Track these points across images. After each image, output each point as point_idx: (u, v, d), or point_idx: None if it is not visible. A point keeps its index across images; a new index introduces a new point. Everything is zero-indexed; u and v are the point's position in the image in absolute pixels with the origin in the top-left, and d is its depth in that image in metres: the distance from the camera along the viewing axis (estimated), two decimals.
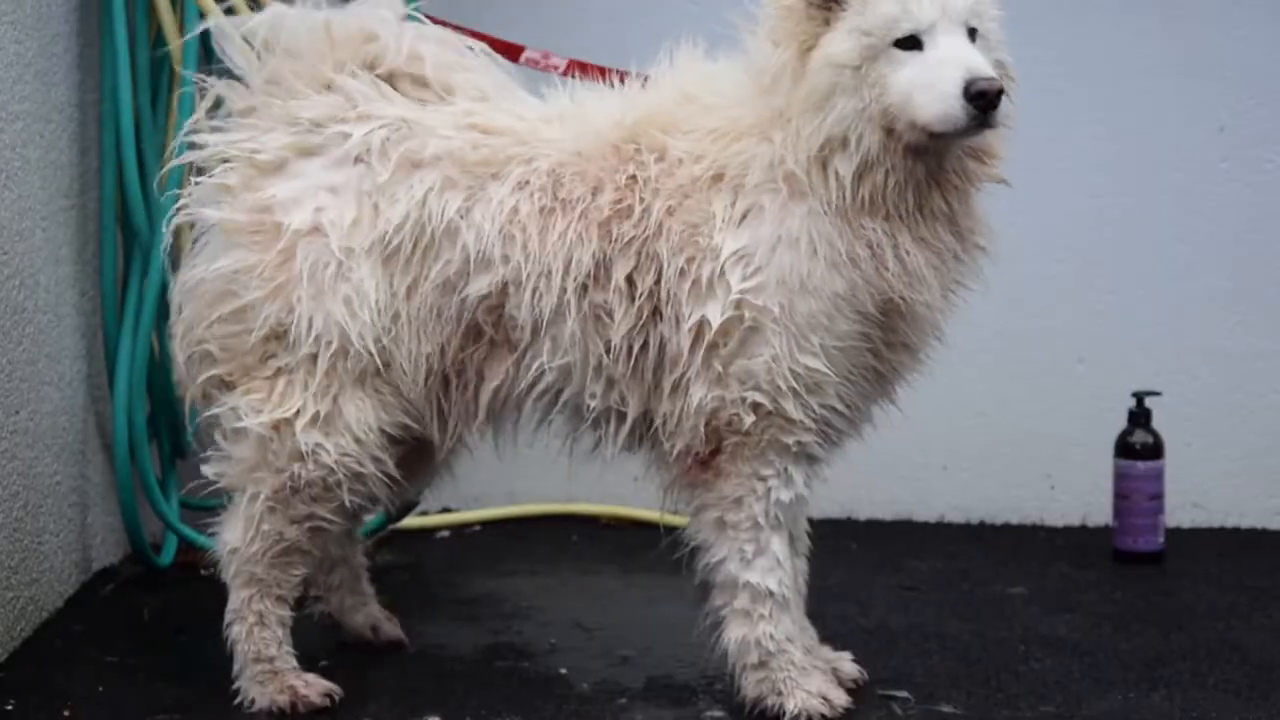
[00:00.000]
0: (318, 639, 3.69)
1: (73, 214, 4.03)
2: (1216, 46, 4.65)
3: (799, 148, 3.17)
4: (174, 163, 3.77)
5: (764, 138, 3.21)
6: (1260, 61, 4.65)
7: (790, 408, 3.20)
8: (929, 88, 3.07)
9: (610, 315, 3.24)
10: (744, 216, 3.20)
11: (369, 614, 3.76)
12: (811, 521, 3.47)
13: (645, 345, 3.25)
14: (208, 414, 3.43)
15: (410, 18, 3.54)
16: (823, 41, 3.15)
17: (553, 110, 3.39)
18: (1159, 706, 3.44)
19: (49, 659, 3.68)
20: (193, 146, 3.48)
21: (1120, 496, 4.45)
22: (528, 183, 3.28)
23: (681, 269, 3.20)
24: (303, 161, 3.36)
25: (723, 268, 3.18)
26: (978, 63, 3.08)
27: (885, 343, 3.24)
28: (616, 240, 3.24)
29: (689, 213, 3.21)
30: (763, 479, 3.25)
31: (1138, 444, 4.44)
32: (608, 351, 3.26)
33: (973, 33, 3.14)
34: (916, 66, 3.10)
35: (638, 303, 3.23)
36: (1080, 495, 4.73)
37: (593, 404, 3.30)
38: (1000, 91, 3.06)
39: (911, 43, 3.11)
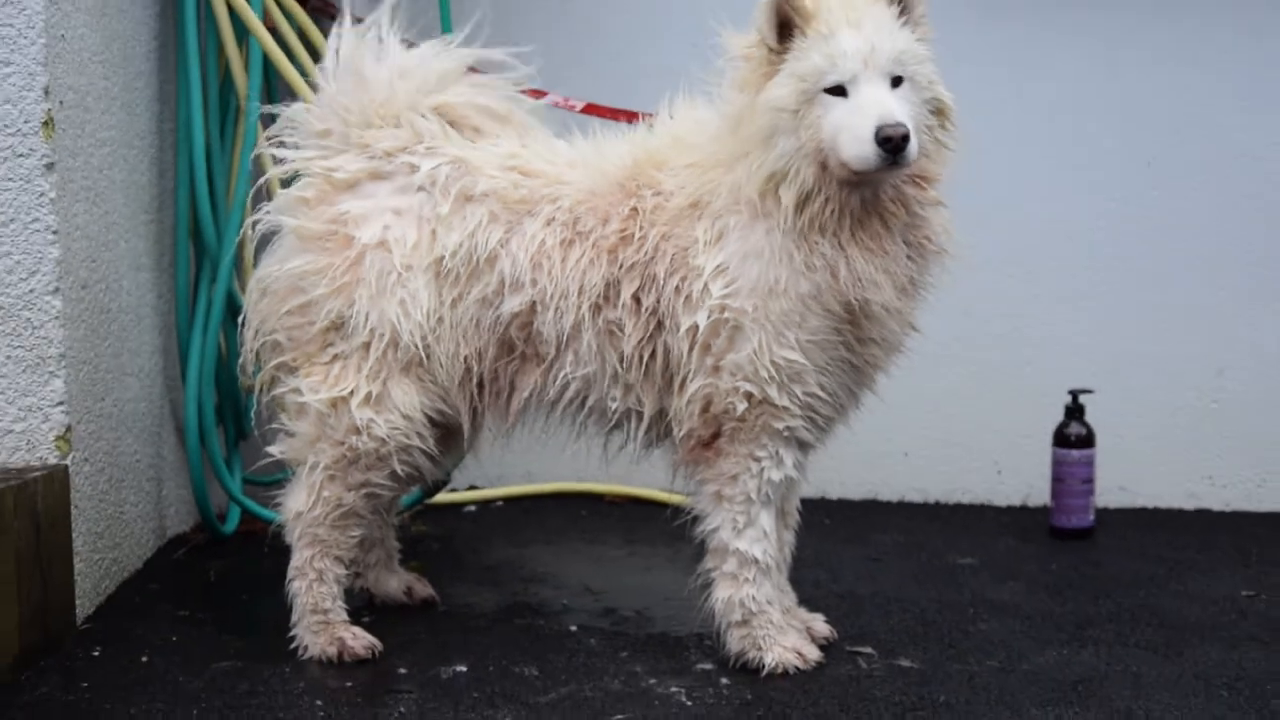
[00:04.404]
0: (364, 600, 3.73)
1: (151, 228, 4.04)
2: (1147, 92, 4.64)
3: (753, 178, 3.18)
4: (242, 183, 3.80)
5: (729, 169, 3.22)
6: (1183, 105, 4.63)
7: (776, 394, 3.21)
8: (848, 131, 3.07)
9: (621, 329, 3.28)
10: (719, 237, 3.21)
11: (402, 579, 3.78)
12: None
13: (654, 353, 3.28)
14: (274, 395, 3.46)
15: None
16: (766, 86, 3.16)
17: (575, 155, 3.41)
18: (1088, 661, 3.46)
19: (129, 613, 3.70)
20: (258, 162, 3.51)
21: (1057, 480, 4.46)
22: (554, 219, 3.31)
23: (676, 286, 3.23)
24: (374, 184, 3.39)
25: (706, 283, 3.20)
26: (889, 111, 3.06)
27: (856, 338, 3.24)
28: (622, 264, 3.27)
29: (678, 238, 3.24)
30: (757, 459, 3.27)
31: (1073, 435, 4.45)
32: (621, 361, 3.29)
33: (898, 80, 3.12)
34: (841, 111, 3.09)
35: (644, 317, 3.27)
36: (1023, 479, 4.74)
37: (614, 406, 3.33)
38: (905, 136, 3.04)
39: (839, 90, 3.10)
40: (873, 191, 3.18)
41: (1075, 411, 4.48)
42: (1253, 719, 3.16)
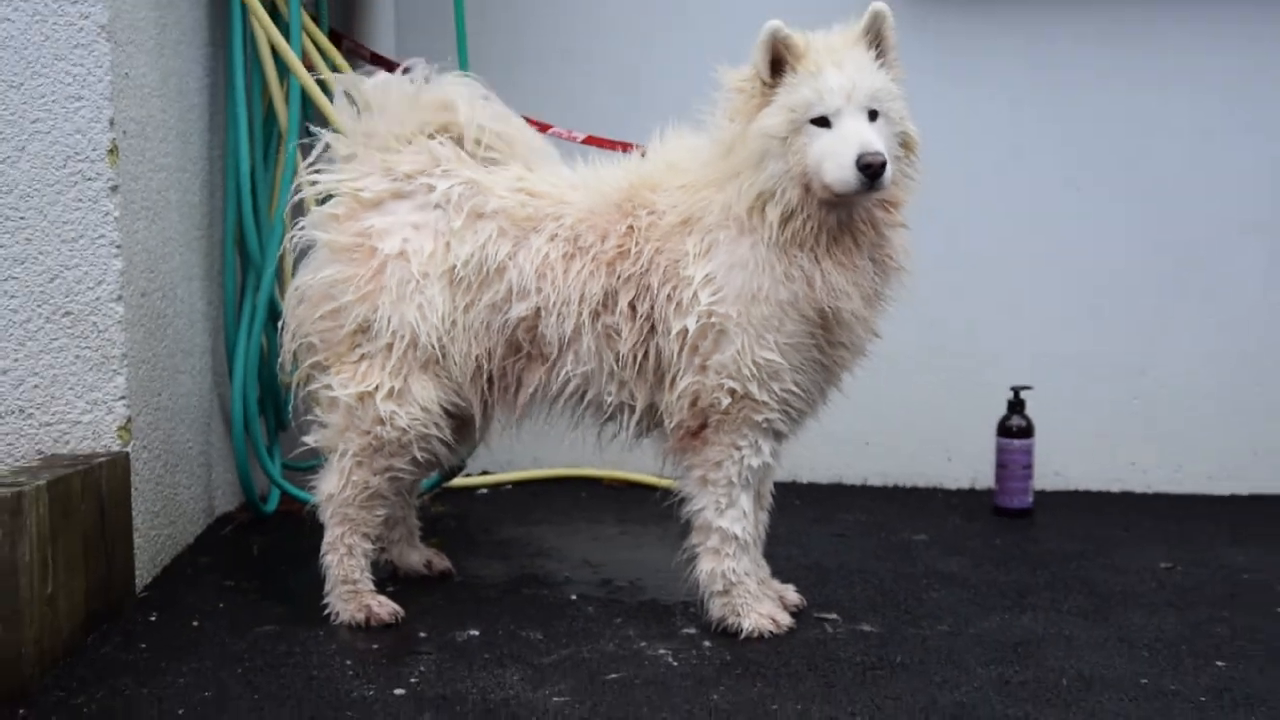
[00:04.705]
0: (389, 573, 3.73)
1: (202, 242, 4.04)
2: (1072, 122, 4.64)
3: (743, 197, 3.18)
4: (281, 204, 3.80)
5: (720, 189, 3.22)
6: (1103, 134, 4.63)
7: (756, 391, 3.21)
8: (832, 158, 3.08)
9: (618, 333, 3.28)
10: (708, 250, 3.21)
11: (422, 553, 3.78)
12: None
13: (647, 354, 3.28)
14: (309, 390, 3.46)
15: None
16: (759, 116, 3.16)
17: (576, 178, 3.42)
18: (1027, 625, 3.47)
19: (182, 582, 3.70)
20: (305, 185, 3.51)
21: (1000, 466, 4.46)
22: (557, 235, 3.31)
23: (668, 295, 3.23)
24: (396, 202, 3.40)
25: (695, 291, 3.20)
26: (869, 141, 3.07)
27: (827, 341, 3.25)
28: (620, 276, 3.27)
29: (670, 252, 3.24)
30: (738, 448, 3.27)
31: (1014, 426, 4.45)
32: (618, 361, 3.29)
33: (874, 114, 3.12)
34: (825, 140, 3.10)
35: (638, 322, 3.26)
36: (970, 465, 4.75)
37: (609, 400, 3.33)
38: (883, 164, 3.05)
39: (823, 121, 3.11)
40: (848, 212, 3.19)
41: (1016, 406, 4.49)
42: (1169, 675, 3.18)
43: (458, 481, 4.60)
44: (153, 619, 3.46)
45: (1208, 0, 4.57)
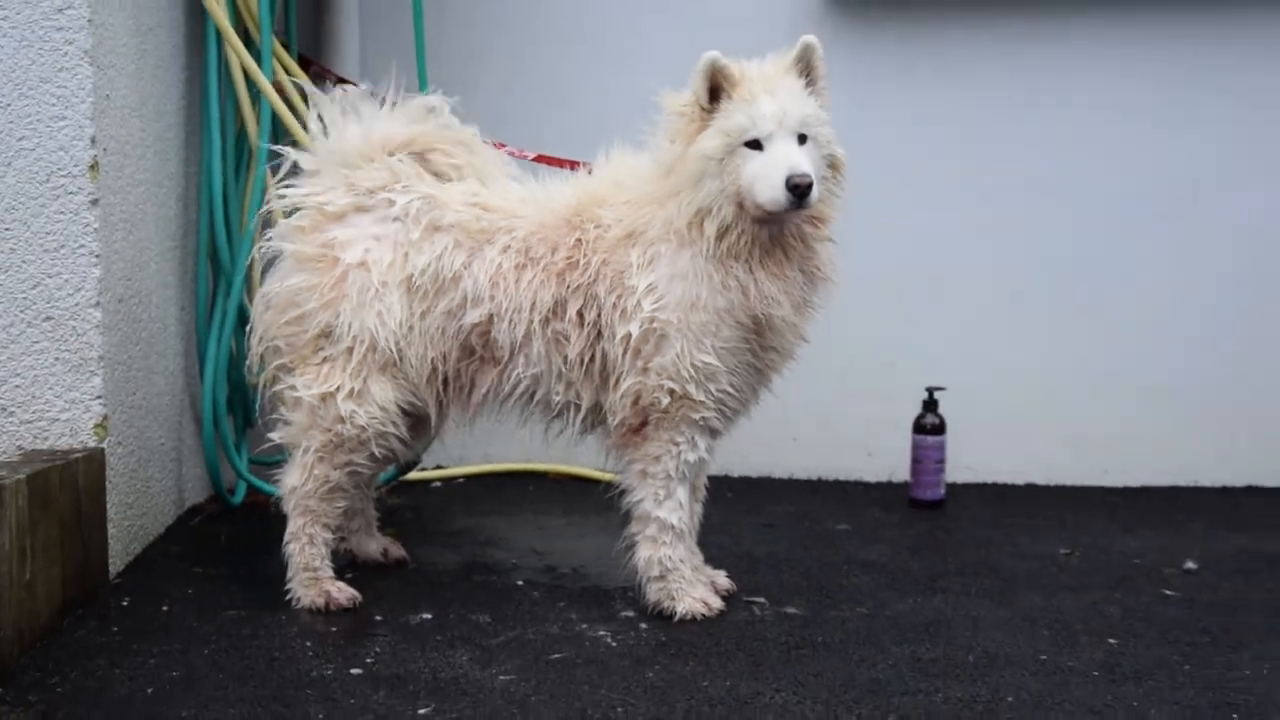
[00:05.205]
0: (347, 561, 3.70)
1: (177, 252, 4.01)
2: (993, 147, 4.65)
3: (683, 213, 3.19)
4: (252, 217, 3.77)
5: (662, 205, 3.22)
6: (1021, 158, 4.64)
7: (694, 391, 3.22)
8: (764, 178, 3.09)
9: (567, 339, 3.27)
10: (651, 262, 3.21)
11: (379, 542, 3.75)
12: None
13: (593, 357, 3.27)
14: (274, 391, 3.44)
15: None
16: (697, 138, 3.17)
17: (527, 194, 3.41)
18: (938, 607, 3.48)
19: (153, 570, 3.67)
20: (274, 199, 3.48)
21: (915, 461, 4.47)
22: (509, 246, 3.30)
23: (614, 303, 3.23)
24: (358, 215, 3.37)
25: (639, 299, 3.20)
26: (798, 163, 3.08)
27: (760, 346, 3.25)
28: (569, 286, 3.26)
29: (616, 263, 3.23)
30: (676, 444, 3.27)
31: (928, 424, 4.46)
32: (565, 364, 3.28)
33: (803, 138, 3.14)
34: (758, 162, 3.11)
35: (586, 328, 3.26)
36: (888, 460, 4.75)
37: (556, 399, 3.32)
38: (810, 185, 3.07)
39: (756, 145, 3.12)
40: (779, 228, 3.20)
41: (931, 405, 4.50)
42: (1066, 652, 3.20)
43: (413, 475, 4.57)
44: (125, 604, 3.42)
45: (1115, 22, 4.59)
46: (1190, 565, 3.85)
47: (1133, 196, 4.66)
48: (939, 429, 4.46)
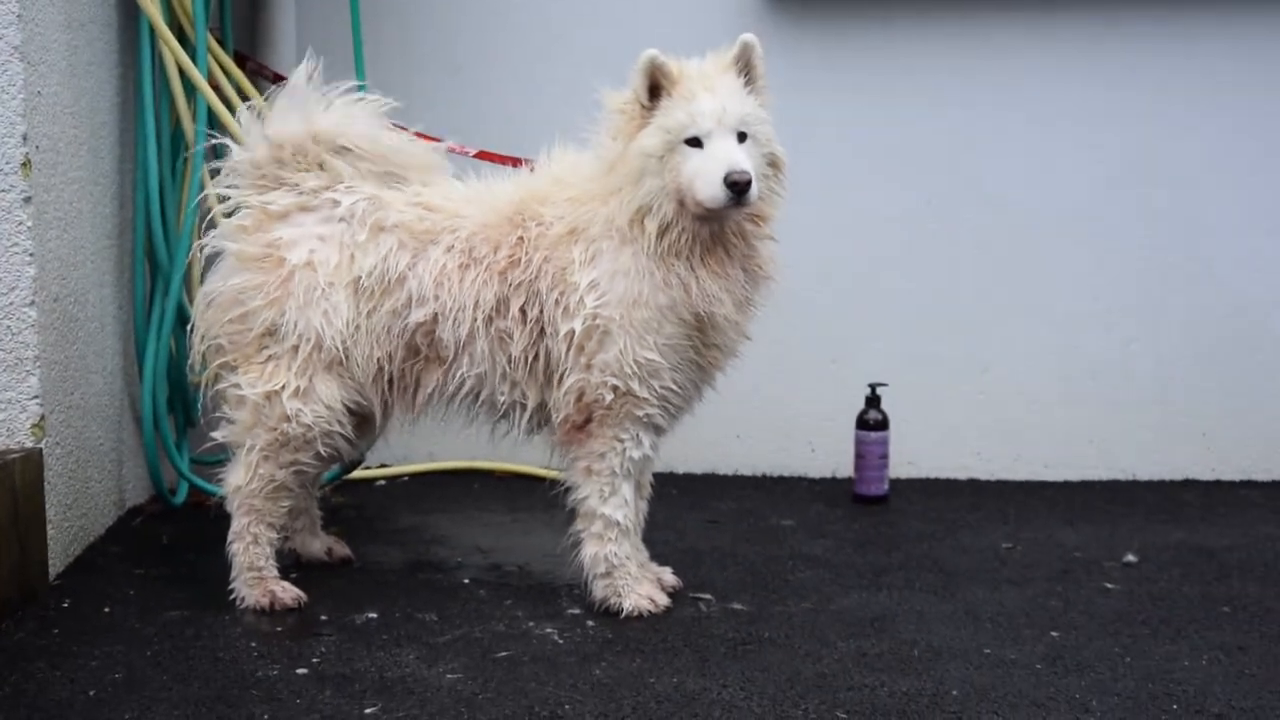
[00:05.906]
0: (292, 560, 3.68)
1: (113, 251, 3.98)
2: (927, 142, 4.68)
3: (624, 210, 3.20)
4: (189, 215, 3.74)
5: (604, 202, 3.23)
6: (957, 153, 4.68)
7: (637, 387, 3.23)
8: (703, 176, 3.11)
9: (510, 337, 3.27)
10: (593, 259, 3.22)
11: (324, 541, 3.74)
12: None
13: (537, 355, 3.27)
14: (217, 389, 3.41)
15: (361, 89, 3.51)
16: (638, 136, 3.19)
17: (470, 193, 3.40)
18: (883, 601, 3.51)
19: (94, 571, 3.64)
20: (216, 199, 3.46)
21: (859, 456, 4.48)
22: (453, 246, 3.30)
23: (556, 299, 3.23)
24: (302, 215, 3.36)
25: (581, 295, 3.21)
26: (737, 161, 3.10)
27: (702, 343, 3.27)
28: (511, 284, 3.26)
29: (558, 260, 3.24)
30: (620, 441, 3.28)
31: (871, 420, 4.47)
32: (509, 362, 3.28)
33: (743, 136, 3.16)
34: (697, 159, 3.13)
35: (529, 326, 3.26)
36: (832, 456, 4.75)
37: (502, 399, 3.32)
38: (749, 182, 3.09)
39: (696, 142, 3.14)
40: (719, 225, 3.22)
41: (873, 401, 4.52)
42: (1009, 644, 3.24)
43: (357, 474, 4.54)
44: (66, 605, 3.39)
45: (1050, 22, 4.63)
46: (1130, 558, 3.89)
47: (1064, 194, 4.71)
48: (882, 425, 4.48)
